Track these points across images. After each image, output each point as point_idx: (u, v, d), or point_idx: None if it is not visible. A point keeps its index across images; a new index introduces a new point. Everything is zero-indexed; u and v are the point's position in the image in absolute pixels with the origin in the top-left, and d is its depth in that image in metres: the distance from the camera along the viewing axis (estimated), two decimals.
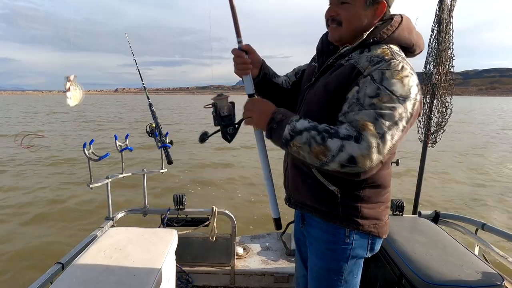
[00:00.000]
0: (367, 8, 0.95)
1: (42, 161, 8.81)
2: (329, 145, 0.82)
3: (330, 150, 0.82)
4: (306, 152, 0.85)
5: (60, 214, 5.10)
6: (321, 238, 1.09)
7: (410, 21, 0.99)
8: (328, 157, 0.82)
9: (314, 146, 0.84)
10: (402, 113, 0.84)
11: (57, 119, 22.78)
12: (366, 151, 0.81)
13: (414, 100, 0.86)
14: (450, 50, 2.20)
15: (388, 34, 0.94)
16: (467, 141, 13.41)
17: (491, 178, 7.60)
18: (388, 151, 0.84)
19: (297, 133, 0.87)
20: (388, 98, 0.83)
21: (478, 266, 1.42)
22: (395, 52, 0.91)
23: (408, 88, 0.85)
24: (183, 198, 2.19)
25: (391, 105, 0.83)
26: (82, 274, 1.34)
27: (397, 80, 0.85)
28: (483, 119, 27.10)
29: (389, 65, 0.86)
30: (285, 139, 0.88)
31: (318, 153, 0.83)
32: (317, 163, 0.85)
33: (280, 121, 0.91)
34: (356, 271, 1.10)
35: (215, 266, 2.26)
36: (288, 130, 0.88)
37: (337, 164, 0.82)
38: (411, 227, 1.83)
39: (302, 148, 0.86)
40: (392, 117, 0.83)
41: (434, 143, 2.39)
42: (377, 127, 0.82)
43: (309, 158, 0.86)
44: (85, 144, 1.83)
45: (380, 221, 1.06)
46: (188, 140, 12.54)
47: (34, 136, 1.18)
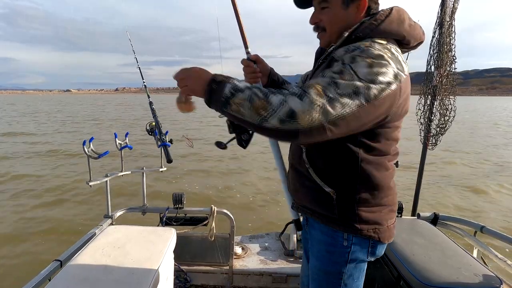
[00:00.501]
0: (347, 7, 0.95)
1: (42, 160, 8.82)
2: (271, 100, 0.79)
3: (271, 104, 0.78)
4: (246, 108, 0.80)
5: (59, 211, 5.10)
6: (321, 240, 1.08)
7: (403, 13, 0.95)
8: (268, 111, 0.78)
9: (255, 101, 0.79)
10: (361, 89, 0.79)
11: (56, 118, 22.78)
12: (307, 106, 0.76)
13: (383, 86, 0.81)
14: (452, 52, 2.20)
15: (372, 28, 0.90)
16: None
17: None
18: (337, 120, 0.78)
19: (239, 90, 0.82)
20: (349, 77, 0.80)
21: (476, 268, 1.42)
22: (377, 43, 0.87)
23: (375, 73, 0.81)
24: (182, 197, 2.19)
25: (349, 80, 0.80)
26: (80, 272, 1.34)
27: (365, 63, 0.81)
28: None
29: (363, 51, 0.84)
30: (225, 97, 0.82)
31: (258, 108, 0.79)
32: (256, 120, 0.80)
33: (221, 81, 0.85)
34: (357, 275, 1.07)
35: (214, 265, 2.26)
36: (229, 88, 0.82)
37: (276, 119, 0.77)
38: (410, 229, 1.82)
39: (243, 104, 0.80)
40: (346, 88, 0.78)
41: (435, 146, 2.39)
42: (327, 90, 0.78)
43: (249, 115, 0.80)
44: (84, 142, 1.83)
45: (381, 225, 1.01)
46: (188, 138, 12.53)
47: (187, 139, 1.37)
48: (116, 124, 18.71)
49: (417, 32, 0.97)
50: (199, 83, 0.88)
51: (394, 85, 0.83)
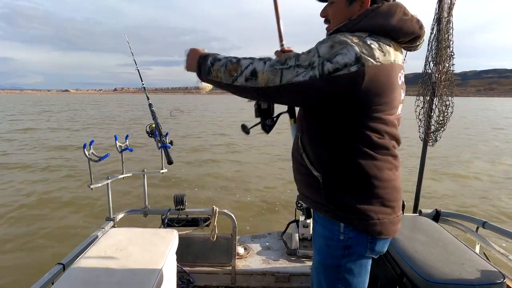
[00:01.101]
0: (350, 4, 0.99)
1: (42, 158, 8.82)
2: (241, 63, 0.96)
3: (241, 66, 0.95)
4: (222, 72, 0.97)
5: (61, 215, 5.10)
6: (321, 234, 1.09)
7: (395, 7, 0.95)
8: (238, 72, 0.95)
9: (229, 65, 0.97)
10: (315, 63, 0.87)
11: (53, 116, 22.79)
12: (266, 67, 0.92)
13: (338, 66, 0.85)
14: (450, 49, 2.20)
15: (355, 23, 0.94)
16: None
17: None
18: (290, 85, 0.89)
19: (217, 60, 1.00)
20: (312, 54, 0.90)
21: (479, 264, 1.42)
22: (352, 34, 0.91)
23: (334, 52, 0.87)
24: (183, 198, 2.19)
25: (311, 55, 0.89)
26: (83, 275, 1.34)
27: (328, 44, 0.89)
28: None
29: (331, 37, 0.92)
30: (208, 67, 1.00)
31: (231, 70, 0.96)
32: (229, 80, 0.97)
33: (206, 56, 1.03)
34: (358, 270, 1.06)
35: (216, 266, 2.26)
36: (211, 60, 1.01)
37: (243, 77, 0.94)
38: (412, 226, 1.82)
39: (220, 69, 0.98)
40: (305, 60, 0.89)
41: (435, 142, 2.39)
42: (289, 60, 0.91)
43: (224, 77, 0.97)
44: (85, 145, 1.83)
45: (371, 218, 0.99)
46: (188, 139, 12.55)
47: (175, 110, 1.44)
48: (115, 124, 18.72)
49: (408, 25, 0.95)
50: (194, 60, 1.06)
51: (354, 67, 0.86)
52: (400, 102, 1.02)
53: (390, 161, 1.02)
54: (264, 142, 11.17)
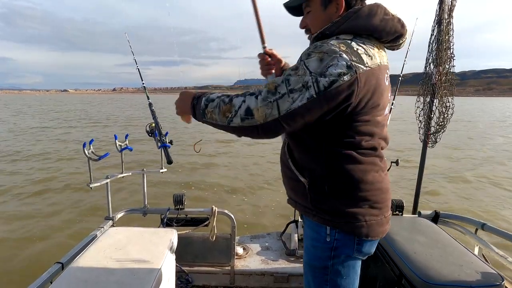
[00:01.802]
0: (325, 8, 0.99)
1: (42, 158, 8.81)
2: (234, 102, 0.91)
3: (234, 106, 0.90)
4: (216, 114, 0.93)
5: (59, 214, 5.10)
6: (309, 235, 1.10)
7: (376, 7, 0.95)
8: (232, 113, 0.90)
9: (222, 106, 0.92)
10: (309, 83, 0.84)
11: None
12: (260, 103, 0.87)
13: (333, 78, 0.83)
14: (450, 50, 2.20)
15: (338, 25, 0.93)
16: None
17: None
18: (289, 114, 0.85)
19: (210, 100, 0.96)
20: (302, 72, 0.86)
21: (478, 266, 1.42)
22: (338, 39, 0.90)
23: (325, 65, 0.84)
24: (182, 198, 2.19)
25: (301, 75, 0.85)
26: (82, 274, 1.34)
27: (316, 57, 0.86)
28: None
29: (316, 47, 0.89)
30: (202, 109, 0.96)
31: (225, 111, 0.91)
32: (225, 122, 0.92)
33: (199, 97, 0.99)
34: (346, 272, 1.05)
35: (215, 266, 2.26)
36: (204, 101, 0.96)
37: (238, 118, 0.89)
38: (411, 227, 1.83)
39: (214, 111, 0.93)
40: (297, 83, 0.85)
41: (434, 143, 2.39)
42: (279, 87, 0.87)
43: (219, 119, 0.93)
44: (85, 144, 1.83)
45: (357, 221, 0.99)
46: (188, 139, 12.54)
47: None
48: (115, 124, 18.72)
49: (390, 25, 0.95)
50: (186, 103, 1.02)
51: (347, 76, 0.84)
52: (388, 102, 1.04)
53: (376, 163, 1.02)
54: (264, 142, 11.18)
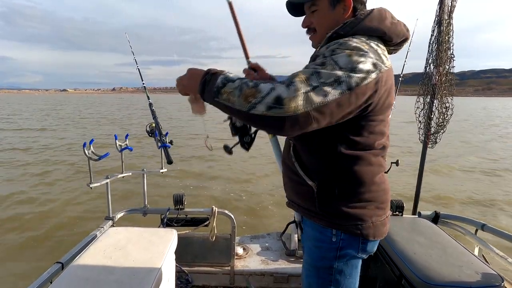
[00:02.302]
0: (333, 8, 0.99)
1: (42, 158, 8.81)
2: (260, 87, 0.81)
3: (260, 92, 0.80)
4: (236, 96, 0.82)
5: (59, 214, 5.10)
6: (311, 236, 1.08)
7: (384, 11, 0.97)
8: (257, 98, 0.80)
9: (245, 89, 0.82)
10: (342, 78, 0.81)
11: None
12: (293, 93, 0.78)
13: (363, 74, 0.83)
14: (450, 51, 2.20)
15: (353, 26, 0.93)
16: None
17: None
18: (321, 107, 0.79)
19: (230, 80, 0.85)
20: (331, 67, 0.82)
21: (477, 266, 1.42)
22: (356, 38, 0.90)
23: (355, 61, 0.83)
24: (182, 198, 2.19)
25: (331, 70, 0.82)
26: (81, 274, 1.34)
27: (345, 54, 0.84)
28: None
29: (341, 44, 0.87)
30: (217, 87, 0.85)
31: (248, 95, 0.81)
32: (245, 107, 0.81)
33: (214, 73, 0.89)
34: (349, 271, 1.06)
35: (215, 266, 2.26)
36: (221, 79, 0.86)
37: (264, 105, 0.79)
38: (411, 228, 1.83)
39: (233, 92, 0.83)
40: (329, 77, 0.80)
41: (434, 144, 2.39)
42: (310, 79, 0.80)
43: (238, 103, 0.82)
44: (85, 144, 1.83)
45: (364, 222, 1.00)
46: (188, 139, 12.54)
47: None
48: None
49: (399, 29, 0.99)
50: (194, 79, 0.92)
51: (374, 74, 0.85)
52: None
53: (382, 164, 1.03)
54: (264, 143, 11.16)
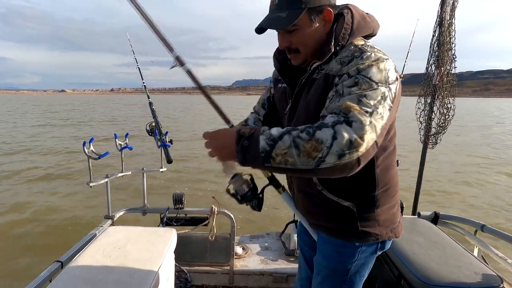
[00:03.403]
0: (314, 22, 0.90)
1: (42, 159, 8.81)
2: (320, 137, 0.71)
3: (323, 142, 0.71)
4: (295, 157, 0.72)
5: (59, 213, 5.10)
6: (329, 241, 1.07)
7: (358, 8, 0.95)
8: (323, 151, 0.71)
9: (302, 145, 0.72)
10: (386, 92, 0.80)
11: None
12: (361, 131, 0.73)
13: (395, 81, 0.84)
14: (452, 51, 2.19)
15: (349, 33, 0.90)
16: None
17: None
18: (382, 131, 0.78)
19: (276, 139, 0.74)
20: (367, 85, 0.79)
21: (477, 267, 1.42)
22: (362, 46, 0.88)
23: (385, 72, 0.82)
24: (182, 197, 2.19)
25: (371, 88, 0.79)
26: (81, 273, 1.34)
27: (373, 66, 0.82)
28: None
29: (361, 58, 0.84)
30: (264, 151, 0.73)
31: (310, 151, 0.71)
32: (311, 164, 0.72)
33: (250, 135, 0.76)
34: (364, 272, 1.08)
35: (214, 265, 2.26)
36: (265, 140, 0.74)
37: (334, 155, 0.71)
38: (410, 228, 1.82)
39: (288, 153, 0.72)
40: (375, 96, 0.78)
41: (435, 145, 2.39)
42: (363, 106, 0.76)
43: (300, 162, 0.72)
44: (84, 143, 1.83)
45: (395, 223, 1.05)
46: (188, 139, 12.55)
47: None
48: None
49: (374, 20, 0.97)
50: (226, 147, 0.81)
51: (398, 77, 0.86)
52: None
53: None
54: None
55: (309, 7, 0.87)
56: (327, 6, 0.89)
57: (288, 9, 0.87)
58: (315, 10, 0.88)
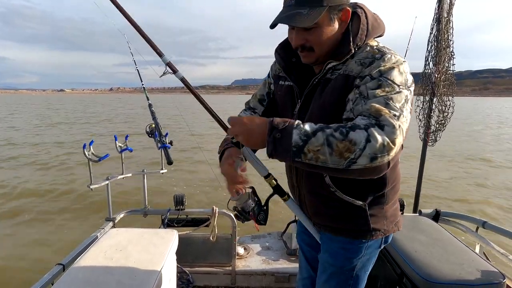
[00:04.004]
0: (333, 22, 0.88)
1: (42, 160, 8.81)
2: (353, 138, 0.72)
3: (356, 144, 0.72)
4: (327, 155, 0.73)
5: (60, 215, 5.10)
6: (334, 239, 1.07)
7: (367, 7, 0.95)
8: (356, 152, 0.72)
9: (336, 144, 0.73)
10: (408, 95, 0.83)
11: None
12: (393, 135, 0.74)
13: (411, 84, 0.86)
14: (450, 49, 2.20)
15: (365, 34, 0.90)
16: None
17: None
18: (406, 134, 0.81)
19: (310, 135, 0.74)
20: (390, 88, 0.81)
21: (479, 264, 1.42)
22: (379, 48, 0.89)
23: (405, 74, 0.85)
24: (183, 199, 2.19)
25: (395, 91, 0.81)
26: (83, 275, 1.34)
27: (395, 69, 0.83)
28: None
29: (383, 60, 0.85)
30: (297, 146, 0.74)
31: (342, 151, 0.72)
32: (342, 164, 0.74)
33: (283, 128, 0.76)
34: (369, 267, 1.10)
35: (216, 266, 2.26)
36: (298, 135, 0.75)
37: (367, 158, 0.72)
38: (412, 226, 1.82)
39: (321, 151, 0.73)
40: (400, 99, 0.80)
41: (434, 142, 2.39)
42: (391, 109, 0.77)
43: (331, 161, 0.74)
44: (84, 145, 1.83)
45: (398, 217, 1.08)
46: (187, 138, 12.54)
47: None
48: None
49: (382, 21, 0.97)
50: (256, 135, 0.81)
51: (412, 78, 0.88)
52: None
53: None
54: None
55: (330, 5, 0.85)
56: (346, 5, 0.89)
57: (310, 6, 0.85)
58: (335, 9, 0.87)
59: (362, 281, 1.10)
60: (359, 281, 1.09)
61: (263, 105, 1.16)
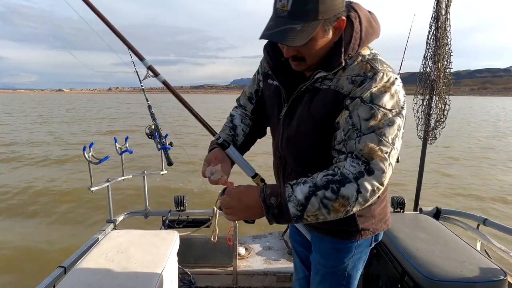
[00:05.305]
0: (327, 33, 0.83)
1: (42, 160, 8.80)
2: (345, 194, 0.78)
3: (349, 199, 0.78)
4: (325, 215, 0.80)
5: (61, 218, 5.10)
6: (325, 239, 1.08)
7: (362, 8, 0.89)
8: (350, 205, 0.79)
9: (331, 205, 0.78)
10: (400, 122, 0.82)
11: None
12: (382, 178, 0.80)
13: (404, 103, 0.84)
14: (448, 46, 2.20)
15: (358, 43, 0.85)
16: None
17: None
18: (395, 160, 0.84)
19: (304, 204, 0.79)
20: (382, 115, 0.80)
21: (480, 261, 1.42)
22: (371, 62, 0.85)
23: (397, 95, 0.82)
24: (184, 200, 2.19)
25: (388, 121, 0.80)
26: (84, 278, 1.34)
27: (387, 93, 0.81)
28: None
29: (375, 81, 0.81)
30: (296, 216, 0.80)
31: (338, 208, 0.79)
32: (340, 215, 0.81)
33: (278, 205, 0.81)
34: (360, 265, 1.11)
35: (218, 266, 2.26)
36: (294, 208, 0.80)
37: (360, 204, 0.80)
38: (413, 224, 1.83)
39: (319, 213, 0.80)
40: (392, 132, 0.81)
41: (434, 139, 2.39)
42: (383, 147, 0.79)
43: (331, 217, 0.81)
44: (84, 148, 1.82)
45: (387, 215, 1.09)
46: (187, 139, 12.53)
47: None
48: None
49: (377, 21, 0.92)
50: (252, 212, 0.86)
51: (404, 95, 0.86)
52: None
53: None
54: (264, 142, 11.15)
55: (325, 18, 0.79)
56: (341, 14, 0.82)
57: (303, 21, 0.77)
58: (330, 20, 0.81)
59: (354, 280, 1.11)
60: (351, 280, 1.10)
61: (252, 103, 1.15)
